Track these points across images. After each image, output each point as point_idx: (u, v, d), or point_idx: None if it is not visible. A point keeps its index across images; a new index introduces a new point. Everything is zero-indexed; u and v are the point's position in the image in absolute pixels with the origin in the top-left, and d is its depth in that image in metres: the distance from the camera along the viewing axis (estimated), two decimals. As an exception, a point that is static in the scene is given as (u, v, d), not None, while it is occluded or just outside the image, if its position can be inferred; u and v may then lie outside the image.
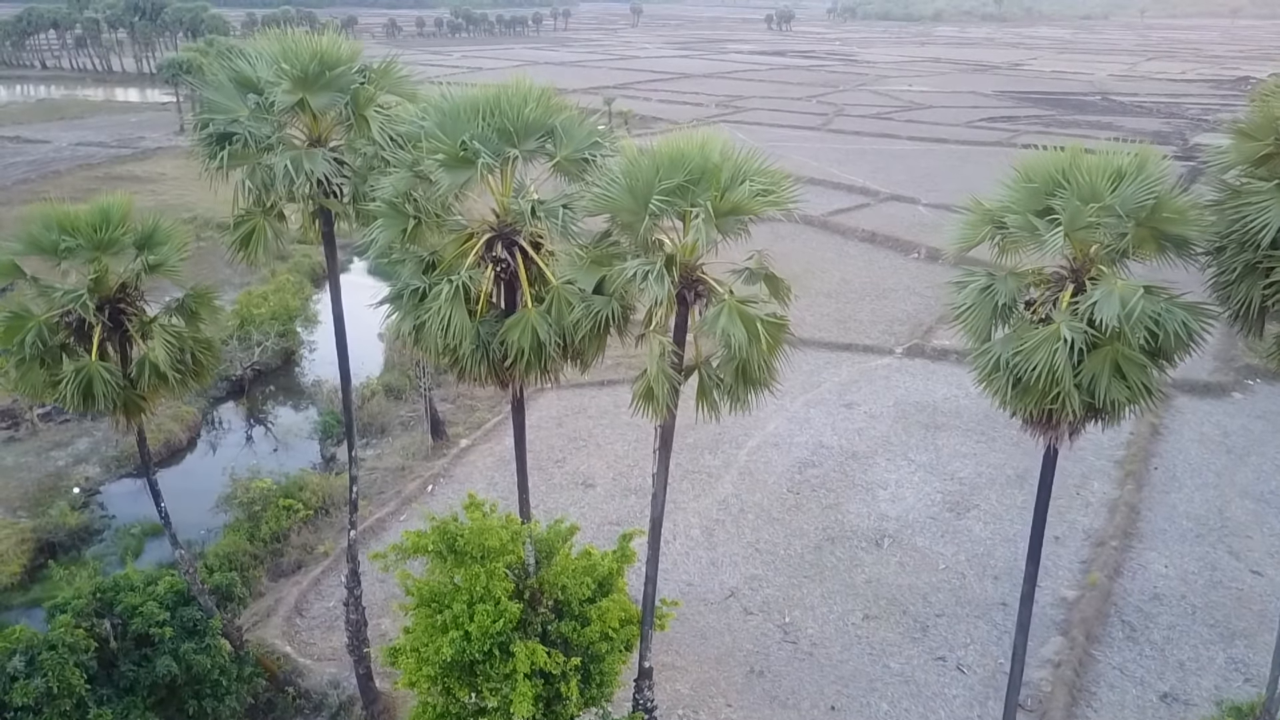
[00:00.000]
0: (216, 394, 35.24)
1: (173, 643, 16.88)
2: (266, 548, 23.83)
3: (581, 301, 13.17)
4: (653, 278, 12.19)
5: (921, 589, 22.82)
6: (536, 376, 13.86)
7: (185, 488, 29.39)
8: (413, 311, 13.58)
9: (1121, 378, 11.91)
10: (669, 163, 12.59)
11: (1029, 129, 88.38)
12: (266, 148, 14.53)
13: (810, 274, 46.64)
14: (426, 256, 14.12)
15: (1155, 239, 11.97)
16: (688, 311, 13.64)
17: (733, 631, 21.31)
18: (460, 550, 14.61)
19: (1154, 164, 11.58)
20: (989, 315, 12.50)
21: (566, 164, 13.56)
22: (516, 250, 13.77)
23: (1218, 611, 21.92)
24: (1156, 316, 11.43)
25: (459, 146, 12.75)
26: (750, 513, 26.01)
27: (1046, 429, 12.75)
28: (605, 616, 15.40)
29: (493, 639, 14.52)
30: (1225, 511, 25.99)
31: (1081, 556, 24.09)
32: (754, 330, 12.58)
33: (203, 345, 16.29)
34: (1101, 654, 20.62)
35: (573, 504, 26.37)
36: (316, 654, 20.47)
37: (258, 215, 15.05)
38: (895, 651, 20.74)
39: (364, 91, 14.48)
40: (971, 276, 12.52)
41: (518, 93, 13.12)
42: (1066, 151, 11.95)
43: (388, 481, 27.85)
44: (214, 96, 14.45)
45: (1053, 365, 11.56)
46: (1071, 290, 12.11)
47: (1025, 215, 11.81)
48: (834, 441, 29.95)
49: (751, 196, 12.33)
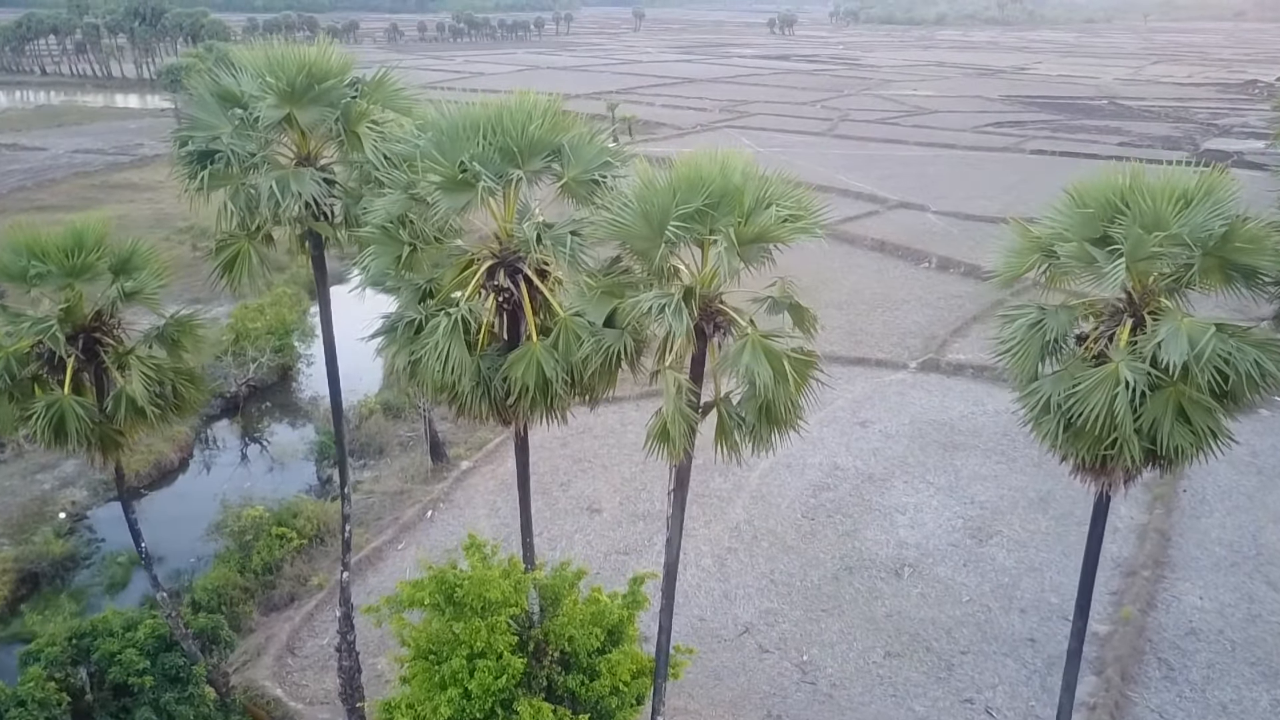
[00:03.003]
0: (210, 412, 34.12)
1: (153, 692, 15.83)
2: (258, 580, 22.75)
3: (591, 335, 12.09)
4: (670, 311, 11.10)
5: (945, 623, 21.71)
6: (542, 415, 12.79)
7: (176, 512, 28.41)
8: (408, 345, 12.50)
9: (1186, 422, 10.83)
10: (686, 185, 11.51)
11: (1037, 134, 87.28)
12: (250, 167, 13.46)
13: (820, 285, 45.50)
14: (423, 284, 13.06)
15: (1222, 269, 10.89)
16: (706, 345, 12.58)
17: (748, 671, 20.21)
18: (459, 602, 13.55)
19: (1224, 187, 10.50)
20: (1038, 352, 11.41)
21: (575, 185, 12.50)
22: (521, 279, 12.70)
23: (1258, 648, 20.80)
24: (1227, 356, 10.35)
25: (458, 168, 11.69)
26: (764, 540, 24.91)
27: (1099, 475, 11.67)
28: (615, 669, 14.35)
29: (495, 697, 13.48)
30: (1259, 538, 24.88)
31: (1112, 587, 22.96)
32: (780, 367, 11.51)
33: (185, 377, 15.20)
34: (1139, 695, 19.50)
35: (578, 530, 25.31)
36: (309, 697, 19.37)
37: (242, 239, 13.98)
38: (920, 693, 19.63)
39: (356, 106, 13.43)
40: (1021, 310, 11.42)
41: (521, 109, 12.05)
42: (1126, 173, 10.86)
43: (385, 507, 26.76)
44: (195, 112, 13.38)
45: (1112, 410, 10.48)
46: (1130, 325, 11.03)
47: (1080, 244, 10.72)
48: (849, 463, 28.85)
49: (779, 223, 11.27)
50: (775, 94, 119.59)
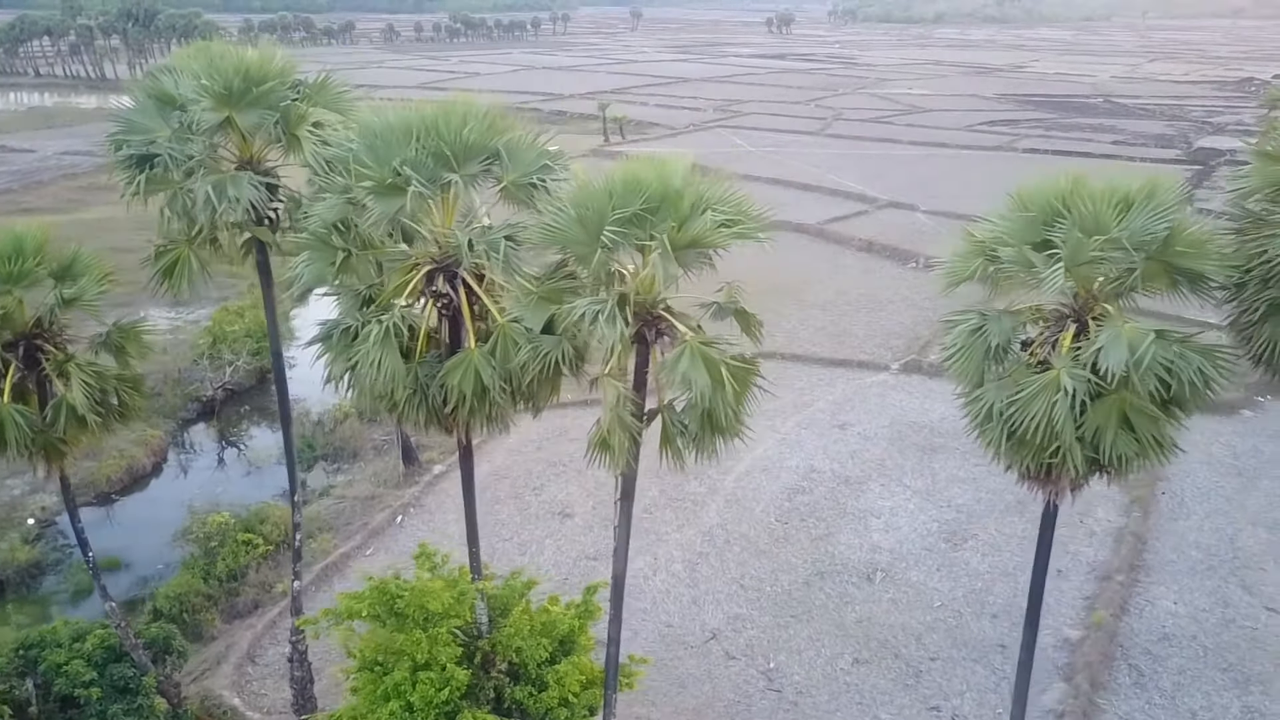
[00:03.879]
0: (186, 415, 33.95)
1: (100, 704, 15.60)
2: (222, 587, 22.50)
3: (529, 342, 11.86)
4: (603, 319, 10.86)
5: (915, 629, 21.47)
6: (481, 423, 12.55)
7: (147, 517, 28.18)
8: (344, 353, 12.27)
9: (1130, 430, 10.60)
10: (623, 189, 11.26)
11: (1031, 133, 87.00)
12: (189, 171, 13.22)
13: (805, 285, 45.36)
14: (363, 290, 12.83)
15: (1167, 273, 10.65)
16: (649, 352, 12.33)
17: (713, 679, 19.97)
18: (400, 613, 13.31)
19: (1165, 191, 10.26)
20: (980, 358, 11.17)
21: (514, 189, 12.27)
22: (460, 284, 12.47)
23: (1231, 654, 20.56)
24: (1169, 363, 10.11)
25: (390, 172, 11.45)
26: (736, 545, 24.67)
27: (1045, 484, 11.44)
28: (564, 680, 14.10)
29: (438, 709, 13.24)
30: (1236, 541, 24.63)
31: (1086, 592, 22.73)
32: (718, 375, 11.25)
33: (128, 384, 14.95)
34: (1107, 702, 19.26)
35: (549, 536, 25.08)
36: (267, 706, 19.14)
37: (182, 244, 13.74)
38: (886, 700, 19.40)
39: (295, 109, 13.18)
40: (963, 316, 11.18)
41: (456, 113, 11.81)
42: (1068, 177, 10.61)
43: (355, 512, 26.52)
44: (131, 115, 13.14)
45: (1051, 418, 10.24)
46: (1073, 331, 10.79)
47: (1020, 248, 10.48)
48: (826, 466, 28.61)
49: (714, 228, 11.02)
50: (770, 93, 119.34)
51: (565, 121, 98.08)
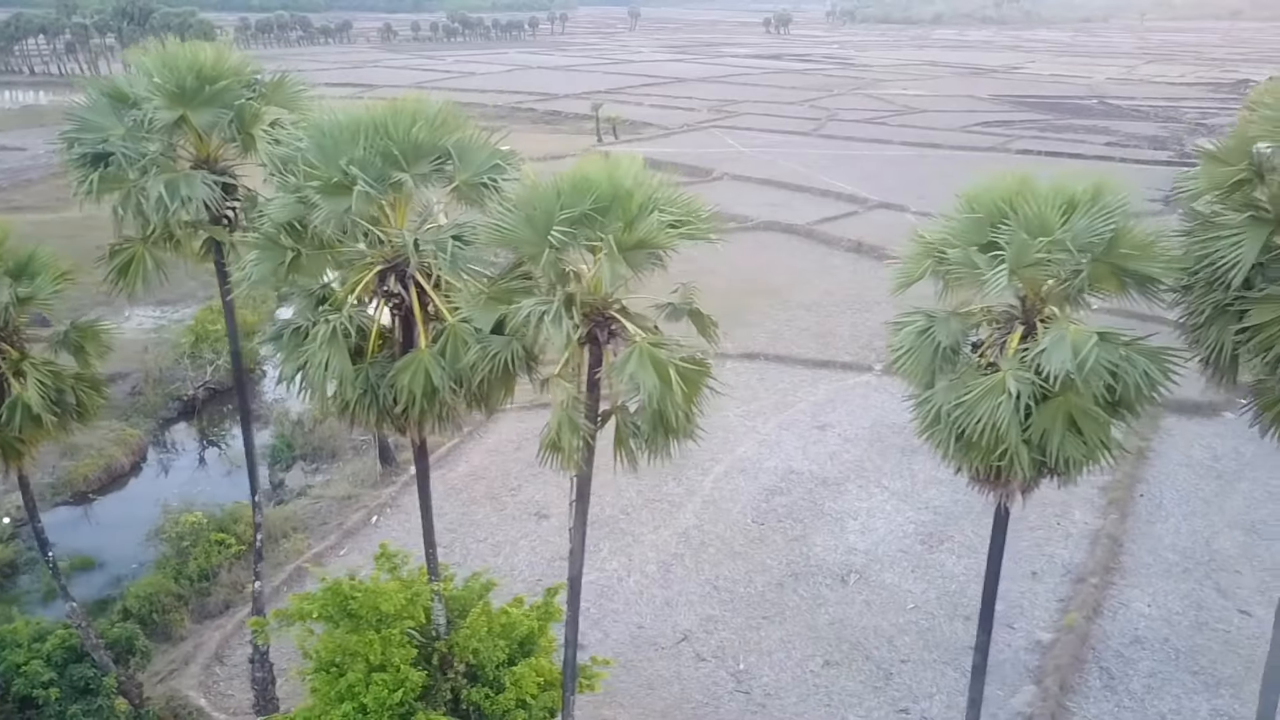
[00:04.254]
0: (167, 415, 33.87)
1: (59, 704, 15.53)
2: (193, 586, 22.42)
3: (478, 342, 11.80)
4: (549, 319, 10.81)
5: (887, 631, 21.42)
6: (433, 424, 12.50)
7: (124, 516, 28.09)
8: (294, 353, 12.21)
9: (1077, 432, 10.54)
10: (572, 189, 11.22)
11: (1024, 134, 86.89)
12: (143, 169, 13.16)
13: (792, 286, 45.31)
14: (316, 290, 12.77)
15: (1115, 276, 10.59)
16: (602, 352, 12.28)
17: (682, 680, 19.92)
18: (354, 614, 13.25)
19: (1111, 191, 10.20)
20: (929, 360, 11.12)
21: (465, 189, 12.22)
22: (411, 284, 12.42)
23: (1203, 656, 20.51)
24: (1114, 366, 10.05)
25: (338, 171, 11.39)
26: (712, 546, 24.61)
27: (995, 486, 11.39)
28: (521, 682, 14.04)
29: (391, 710, 13.18)
30: (1213, 543, 24.58)
31: (1060, 594, 22.69)
32: (666, 376, 11.19)
33: (86, 384, 14.88)
34: (1076, 705, 19.21)
35: (524, 536, 25.02)
36: (233, 707, 19.06)
37: (137, 243, 13.68)
38: (855, 703, 19.34)
39: (249, 108, 13.12)
40: (909, 318, 11.14)
41: (406, 112, 11.75)
42: (1014, 178, 10.56)
43: (331, 512, 26.45)
44: (83, 114, 13.08)
45: (996, 420, 10.18)
46: (1020, 334, 10.75)
47: (965, 250, 10.42)
48: (805, 467, 28.55)
49: (661, 228, 10.96)
50: (765, 94, 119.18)
51: (559, 121, 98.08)
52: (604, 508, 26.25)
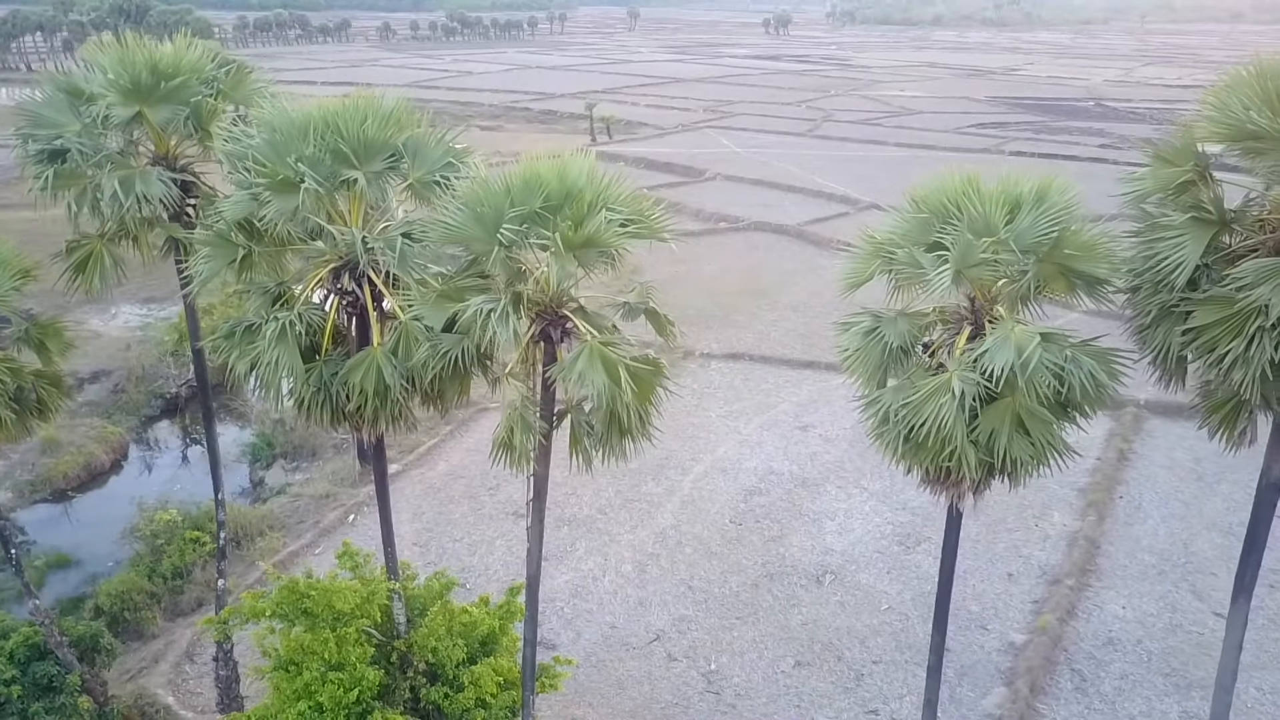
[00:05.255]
0: (150, 412, 33.85)
1: (21, 703, 15.49)
2: (166, 584, 22.40)
3: (429, 340, 11.77)
4: (495, 317, 10.77)
5: (860, 632, 21.39)
6: (386, 422, 12.47)
7: (102, 514, 28.05)
8: (246, 351, 12.18)
9: (1024, 433, 10.51)
10: (522, 186, 11.19)
11: (1019, 135, 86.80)
12: (99, 165, 13.13)
13: (780, 286, 45.27)
14: (271, 288, 12.75)
15: (1064, 276, 10.56)
16: (555, 350, 12.25)
17: (653, 680, 19.88)
18: (310, 612, 13.23)
19: (1057, 192, 10.17)
20: (878, 361, 11.10)
21: (420, 187, 12.19)
22: (365, 282, 12.39)
23: (1175, 659, 20.48)
24: (1059, 367, 10.02)
25: (288, 168, 11.36)
26: (688, 546, 24.58)
27: (945, 486, 11.36)
28: (480, 681, 14.01)
29: (348, 710, 13.15)
30: (1191, 546, 24.54)
31: (1035, 596, 22.65)
32: (616, 375, 11.15)
33: (46, 380, 14.84)
34: (1047, 707, 19.18)
35: (500, 536, 24.98)
36: (201, 705, 19.04)
37: (95, 240, 13.64)
38: (826, 703, 19.32)
39: (205, 104, 13.09)
40: (856, 318, 11.11)
41: (357, 109, 11.72)
42: (961, 177, 10.53)
43: (309, 510, 26.43)
44: (38, 109, 13.05)
45: (940, 420, 10.15)
46: (969, 334, 10.71)
47: (911, 250, 10.39)
48: (785, 467, 28.52)
49: (610, 227, 10.92)
50: (761, 94, 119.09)
51: (555, 121, 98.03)
52: (581, 507, 26.26)
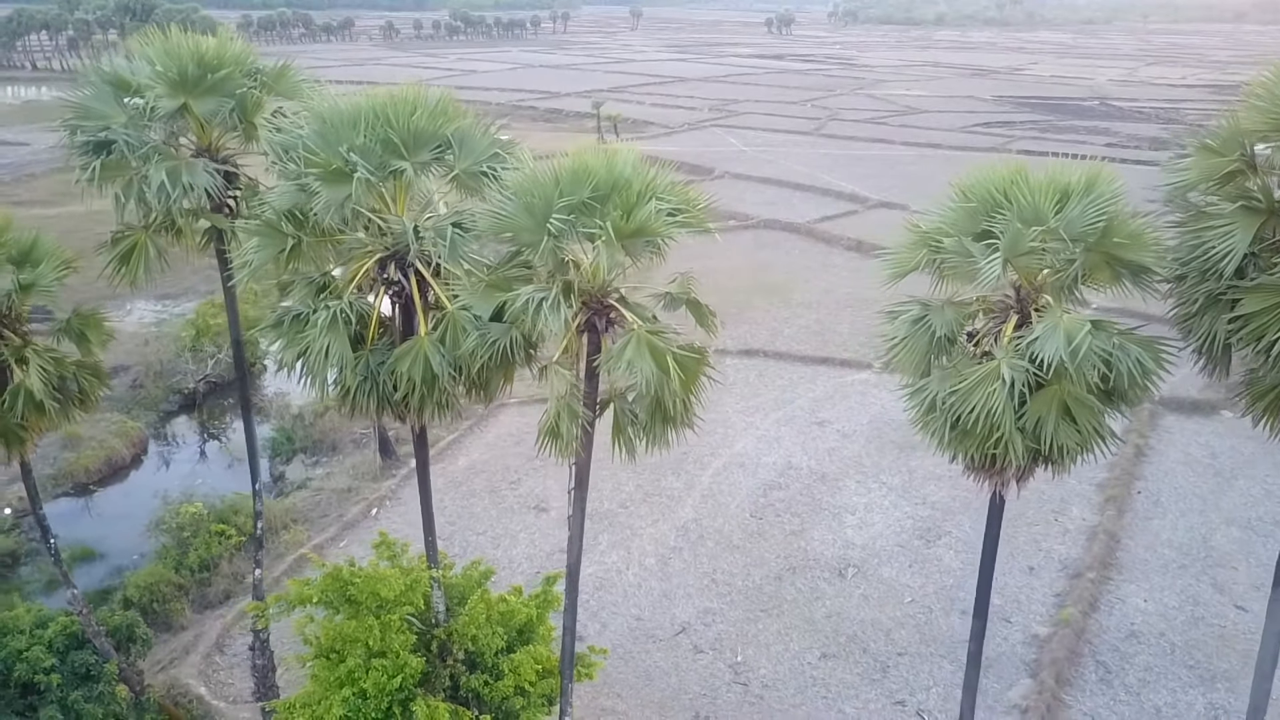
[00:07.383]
0: (168, 408, 34.00)
1: (60, 690, 15.62)
2: (193, 577, 22.54)
3: (476, 329, 11.89)
4: (547, 307, 10.90)
5: (885, 624, 21.51)
6: (433, 411, 12.59)
7: (124, 508, 28.21)
8: (294, 340, 12.29)
9: (1071, 421, 10.62)
10: (571, 177, 11.30)
11: (1025, 134, 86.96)
12: (145, 157, 13.25)
13: (792, 284, 45.42)
14: (317, 278, 12.86)
15: (1109, 266, 10.68)
16: (600, 340, 12.36)
17: (680, 672, 20.00)
18: (354, 600, 13.35)
19: (1105, 182, 10.29)
20: (925, 349, 11.22)
21: (465, 178, 12.31)
22: (411, 272, 12.51)
23: (1198, 651, 20.60)
24: (1107, 355, 10.14)
25: (338, 159, 11.48)
26: (710, 540, 24.70)
27: (990, 474, 11.48)
28: (519, 669, 14.13)
29: (390, 696, 13.27)
30: (1210, 540, 24.66)
31: (1057, 589, 22.77)
32: (664, 363, 11.27)
33: (87, 371, 14.98)
34: (1072, 698, 19.30)
35: (523, 529, 25.11)
36: (233, 695, 19.17)
37: (139, 231, 13.77)
38: (852, 695, 19.44)
39: (250, 96, 13.21)
40: (904, 307, 11.23)
41: (406, 100, 11.84)
42: (1009, 167, 10.65)
43: (331, 504, 26.56)
44: (85, 100, 13.17)
45: (990, 407, 10.27)
46: (1015, 323, 10.83)
47: (960, 239, 10.51)
48: (803, 462, 28.64)
49: (659, 217, 11.04)
50: (766, 93, 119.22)
51: (560, 120, 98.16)
52: (603, 501, 26.37)
